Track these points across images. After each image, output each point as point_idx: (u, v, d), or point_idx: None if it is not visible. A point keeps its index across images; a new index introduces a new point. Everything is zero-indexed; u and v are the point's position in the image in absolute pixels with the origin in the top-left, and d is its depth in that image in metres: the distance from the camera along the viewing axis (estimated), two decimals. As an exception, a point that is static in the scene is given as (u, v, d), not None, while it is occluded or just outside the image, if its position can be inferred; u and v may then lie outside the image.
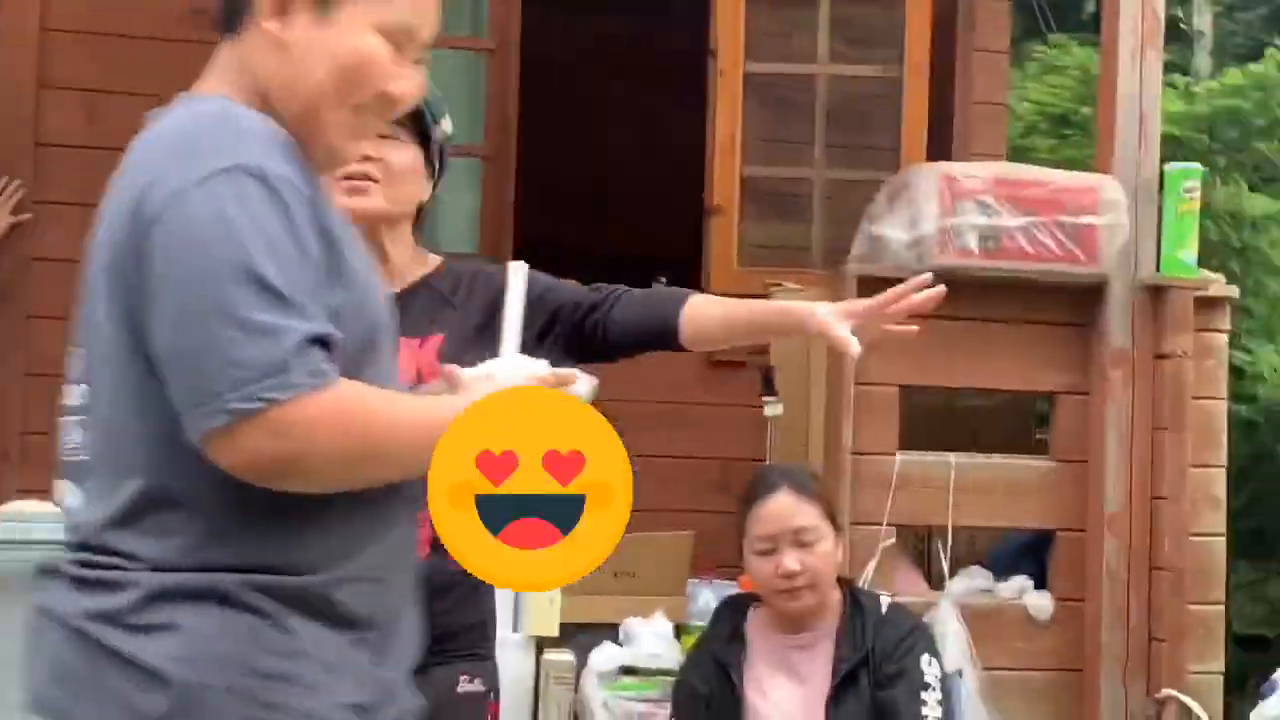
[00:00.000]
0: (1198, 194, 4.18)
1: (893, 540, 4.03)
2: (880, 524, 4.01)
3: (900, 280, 2.67)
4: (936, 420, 4.34)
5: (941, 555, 4.09)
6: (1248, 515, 6.66)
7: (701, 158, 5.60)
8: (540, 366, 2.01)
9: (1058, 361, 4.22)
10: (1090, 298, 4.16)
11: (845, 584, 3.52)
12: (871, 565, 3.96)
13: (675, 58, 6.65)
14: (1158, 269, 4.15)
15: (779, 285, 4.57)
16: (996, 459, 4.20)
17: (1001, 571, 4.23)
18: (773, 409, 4.39)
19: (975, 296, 4.04)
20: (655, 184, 6.97)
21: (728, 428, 5.04)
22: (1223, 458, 4.21)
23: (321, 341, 1.71)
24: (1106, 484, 4.13)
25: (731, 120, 5.54)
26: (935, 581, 4.13)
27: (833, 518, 3.47)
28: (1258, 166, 9.19)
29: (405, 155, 2.68)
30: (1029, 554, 4.30)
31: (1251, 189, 8.74)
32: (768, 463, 4.30)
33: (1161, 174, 4.21)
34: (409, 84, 1.89)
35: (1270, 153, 8.87)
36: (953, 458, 4.10)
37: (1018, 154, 7.56)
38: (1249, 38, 11.70)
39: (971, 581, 4.16)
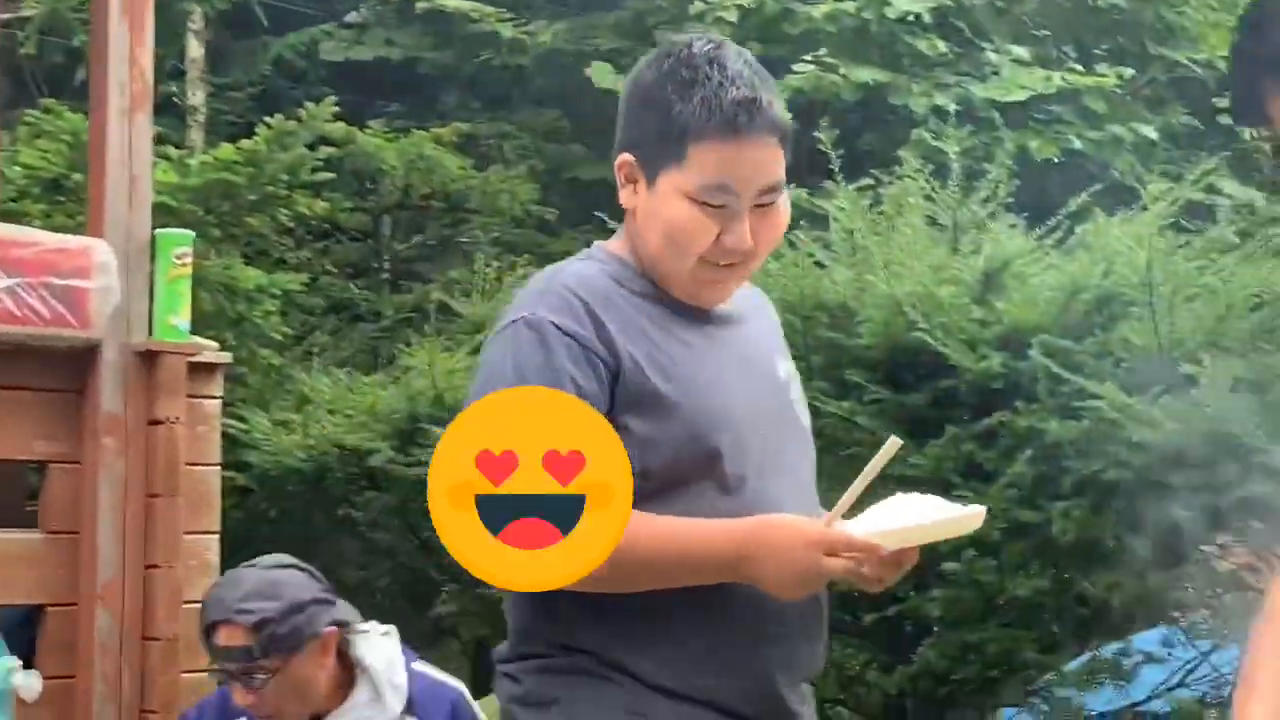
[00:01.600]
0: (189, 260, 4.18)
1: None
2: None
3: None
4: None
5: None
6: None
7: None
8: (945, 505, 2.00)
9: (47, 429, 4.06)
10: (81, 363, 4.04)
11: None
12: None
13: None
14: (150, 334, 4.12)
15: None
16: (-17, 533, 3.98)
17: (-11, 652, 4.00)
18: None
19: (-43, 361, 3.81)
20: None
21: None
22: (216, 523, 4.23)
23: None
24: (99, 554, 4.02)
25: None
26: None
27: None
28: (250, 240, 9.46)
29: None
30: (19, 632, 4.10)
31: (246, 261, 8.97)
32: None
33: (154, 239, 4.18)
34: (740, 231, 2.14)
35: (261, 226, 9.15)
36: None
37: (9, 218, 7.24)
38: (239, 116, 12.06)
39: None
